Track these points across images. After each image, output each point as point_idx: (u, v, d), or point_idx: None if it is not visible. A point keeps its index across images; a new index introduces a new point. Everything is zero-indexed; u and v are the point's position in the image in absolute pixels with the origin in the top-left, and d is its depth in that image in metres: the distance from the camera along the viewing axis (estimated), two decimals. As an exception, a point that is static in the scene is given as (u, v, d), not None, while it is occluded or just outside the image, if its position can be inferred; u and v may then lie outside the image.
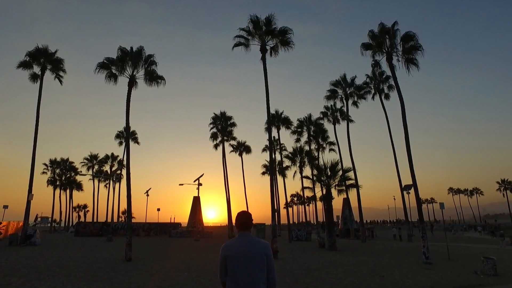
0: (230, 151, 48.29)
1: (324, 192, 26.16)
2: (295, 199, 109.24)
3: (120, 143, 55.22)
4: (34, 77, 27.46)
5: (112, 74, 20.05)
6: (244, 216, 3.15)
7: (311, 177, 32.74)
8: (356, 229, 43.11)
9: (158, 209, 59.36)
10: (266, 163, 53.50)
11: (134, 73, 20.17)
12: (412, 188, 19.67)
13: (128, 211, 18.65)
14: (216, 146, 43.62)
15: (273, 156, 23.95)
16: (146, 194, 58.50)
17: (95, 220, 63.36)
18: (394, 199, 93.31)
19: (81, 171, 63.43)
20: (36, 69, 27.62)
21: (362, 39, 22.92)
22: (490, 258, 12.85)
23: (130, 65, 20.15)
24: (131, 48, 20.40)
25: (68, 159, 66.74)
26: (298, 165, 45.86)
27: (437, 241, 33.89)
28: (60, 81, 28.97)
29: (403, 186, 30.31)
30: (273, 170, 23.46)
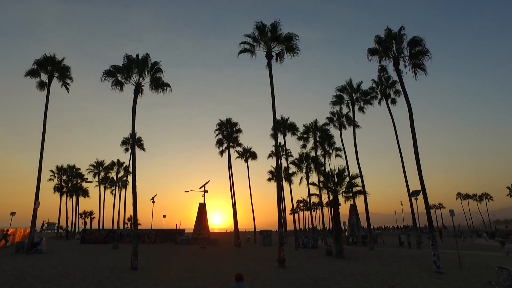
0: (236, 157, 48.12)
1: (330, 199, 25.84)
2: (301, 205, 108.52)
3: (126, 150, 55.39)
4: (41, 85, 27.67)
5: (118, 81, 20.11)
6: (240, 275, 6.30)
7: (317, 183, 32.41)
8: (364, 236, 42.56)
9: (164, 216, 59.22)
10: (272, 169, 53.25)
11: (140, 80, 20.21)
12: (421, 194, 19.33)
13: (134, 219, 18.55)
14: (222, 153, 43.49)
15: (279, 162, 23.75)
16: (152, 200, 58.47)
17: (101, 226, 63.44)
18: (402, 204, 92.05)
19: (87, 178, 63.67)
20: (44, 77, 27.83)
21: (368, 43, 22.83)
22: (504, 268, 12.46)
23: (136, 72, 20.21)
24: (137, 55, 20.49)
25: (74, 165, 67.05)
26: (304, 171, 45.51)
27: (447, 248, 33.22)
28: (67, 89, 29.17)
29: (410, 191, 29.82)
30: (279, 177, 23.25)
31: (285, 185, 49.61)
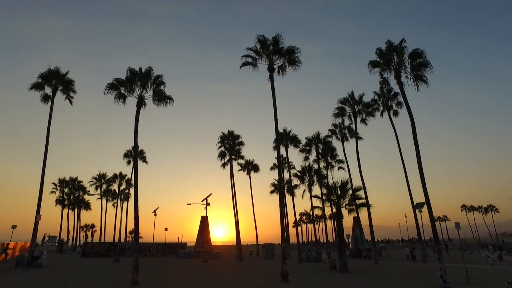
0: (238, 170, 48.02)
1: (334, 211, 25.55)
2: (304, 217, 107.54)
3: (128, 162, 55.41)
4: (45, 98, 27.87)
5: (121, 94, 20.22)
6: None
7: (320, 195, 32.16)
8: (368, 249, 41.88)
9: (166, 229, 58.70)
10: (275, 181, 52.97)
11: (142, 94, 20.32)
12: (425, 206, 19.06)
13: (136, 232, 18.34)
14: (224, 165, 43.42)
15: (282, 174, 23.61)
16: (153, 213, 58.10)
17: (102, 239, 62.95)
18: (406, 217, 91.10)
19: (89, 191, 63.55)
20: (48, 90, 28.08)
21: (370, 56, 22.98)
22: (514, 283, 12.12)
23: (139, 85, 20.33)
24: (140, 69, 20.66)
25: (76, 178, 67.06)
26: (307, 183, 45.29)
27: (454, 262, 32.58)
28: (71, 102, 29.37)
29: (415, 203, 29.48)
30: (282, 189, 23.07)
31: (288, 197, 49.22)
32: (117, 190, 65.09)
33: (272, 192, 53.95)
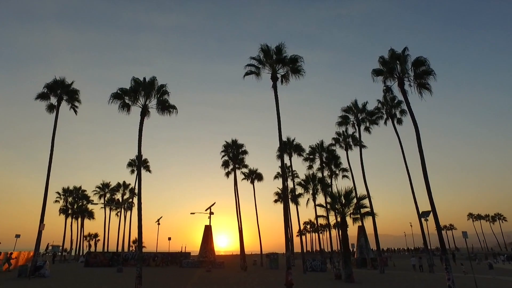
0: (242, 179, 47.81)
1: (338, 220, 25.32)
2: (308, 226, 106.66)
3: (132, 171, 55.28)
4: (50, 108, 28.13)
5: (125, 104, 20.35)
6: None
7: (324, 204, 31.87)
8: (373, 259, 41.33)
9: (169, 239, 58.39)
10: (279, 190, 52.70)
11: (146, 103, 20.44)
12: (431, 215, 18.83)
13: (139, 242, 18.24)
14: (227, 174, 43.31)
15: (286, 183, 23.48)
16: (157, 223, 57.86)
17: (105, 249, 62.71)
18: (411, 225, 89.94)
19: (93, 200, 63.58)
20: (53, 100, 28.34)
21: (372, 64, 23.05)
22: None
23: (143, 95, 20.47)
24: (144, 78, 20.82)
25: (80, 187, 67.20)
26: (311, 192, 44.97)
27: (461, 272, 31.98)
28: (75, 111, 29.59)
29: (420, 212, 29.14)
30: (286, 198, 22.92)
31: (292, 206, 48.92)
32: (120, 199, 65.02)
33: (276, 201, 53.63)
